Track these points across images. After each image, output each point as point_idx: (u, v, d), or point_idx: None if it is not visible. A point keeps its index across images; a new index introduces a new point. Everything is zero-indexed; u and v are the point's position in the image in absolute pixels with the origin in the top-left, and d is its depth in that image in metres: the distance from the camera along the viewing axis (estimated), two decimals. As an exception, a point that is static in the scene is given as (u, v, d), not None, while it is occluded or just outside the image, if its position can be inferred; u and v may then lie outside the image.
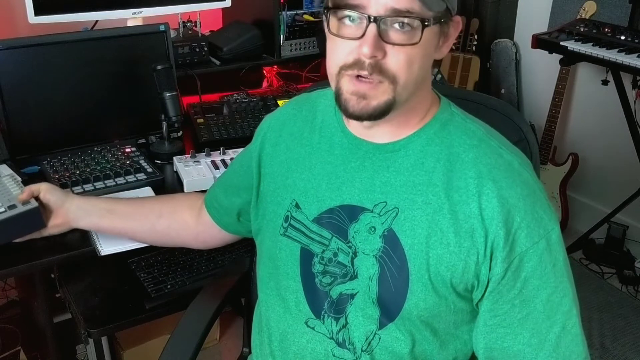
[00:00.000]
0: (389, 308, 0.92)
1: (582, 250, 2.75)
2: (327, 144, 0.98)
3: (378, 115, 0.84)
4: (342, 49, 0.83)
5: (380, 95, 0.83)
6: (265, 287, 1.06)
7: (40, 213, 1.26)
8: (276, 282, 1.02)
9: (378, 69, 0.81)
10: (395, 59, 0.81)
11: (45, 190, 1.24)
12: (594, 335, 2.28)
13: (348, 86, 0.84)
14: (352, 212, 0.93)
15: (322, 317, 0.97)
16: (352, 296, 0.94)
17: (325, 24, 0.85)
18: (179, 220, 1.23)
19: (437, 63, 0.92)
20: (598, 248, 2.75)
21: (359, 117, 0.86)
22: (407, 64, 0.82)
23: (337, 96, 0.86)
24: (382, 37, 0.80)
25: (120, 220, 1.23)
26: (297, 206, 0.99)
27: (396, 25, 0.80)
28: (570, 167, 2.77)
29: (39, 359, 1.97)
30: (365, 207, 0.92)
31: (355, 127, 0.95)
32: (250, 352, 1.15)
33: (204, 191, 1.25)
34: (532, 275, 0.86)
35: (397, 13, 0.79)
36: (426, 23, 0.80)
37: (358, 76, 0.82)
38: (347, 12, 0.81)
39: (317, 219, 0.96)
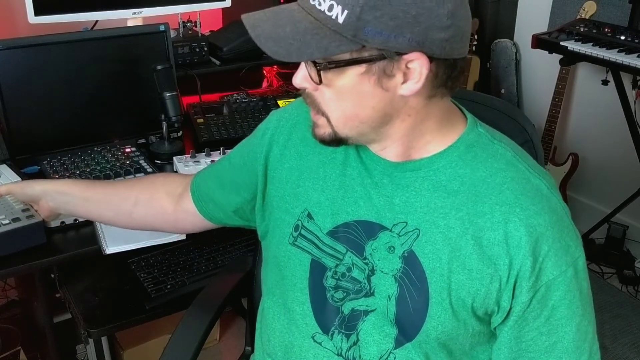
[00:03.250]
0: (406, 328, 0.90)
1: (582, 251, 2.75)
2: (342, 155, 0.96)
3: (330, 142, 0.87)
4: None
5: (322, 127, 0.87)
6: (271, 294, 1.04)
7: (43, 227, 1.28)
8: (282, 291, 1.00)
9: (312, 102, 0.85)
10: (321, 95, 0.84)
11: (18, 191, 1.24)
12: (594, 335, 2.28)
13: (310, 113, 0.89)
14: (370, 229, 0.91)
15: (330, 333, 0.95)
16: (367, 313, 0.92)
17: None
18: (157, 207, 1.18)
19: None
20: (598, 248, 2.75)
21: (316, 140, 0.89)
22: (331, 101, 0.83)
23: None
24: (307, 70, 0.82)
25: (96, 208, 1.21)
26: (309, 216, 0.96)
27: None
28: (570, 167, 2.77)
29: (39, 359, 1.97)
30: (384, 225, 0.90)
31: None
32: (252, 351, 1.15)
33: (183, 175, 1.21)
34: (560, 304, 0.85)
35: None
36: (318, 67, 0.79)
37: None
38: None
39: (331, 232, 0.94)
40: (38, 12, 1.71)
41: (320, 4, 0.77)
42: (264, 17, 0.81)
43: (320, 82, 0.80)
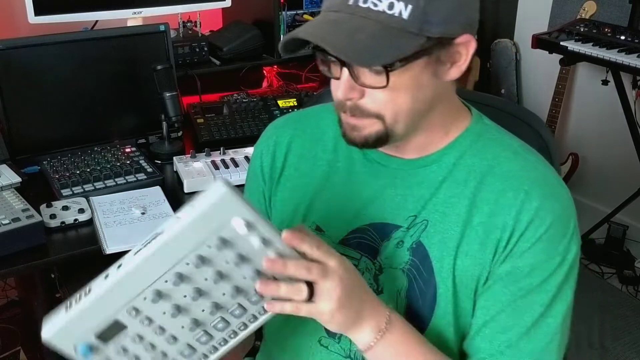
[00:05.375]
0: (414, 323, 0.89)
1: (582, 250, 2.75)
2: (346, 161, 0.94)
3: (373, 143, 0.83)
4: (332, 87, 0.83)
5: (369, 127, 0.82)
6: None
7: (43, 227, 1.28)
8: None
9: (359, 110, 0.81)
10: (372, 99, 0.80)
11: None
12: (593, 335, 2.28)
13: (342, 119, 0.85)
14: (384, 230, 0.90)
15: (338, 335, 0.94)
16: None
17: (317, 60, 0.84)
18: None
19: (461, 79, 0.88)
20: (598, 248, 2.75)
21: (356, 145, 0.85)
22: (388, 102, 0.79)
23: (340, 127, 0.86)
24: (355, 78, 0.78)
25: None
26: (318, 229, 0.94)
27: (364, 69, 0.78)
28: (570, 167, 2.77)
29: (39, 359, 1.97)
30: (398, 224, 0.89)
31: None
32: (260, 345, 1.12)
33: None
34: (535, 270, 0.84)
35: None
36: (389, 69, 0.76)
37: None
38: (326, 56, 0.80)
39: (343, 240, 0.93)
40: (38, 12, 1.71)
41: (376, 5, 0.74)
42: (326, 28, 0.77)
43: (387, 84, 0.77)
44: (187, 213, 0.66)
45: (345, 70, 0.78)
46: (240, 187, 1.53)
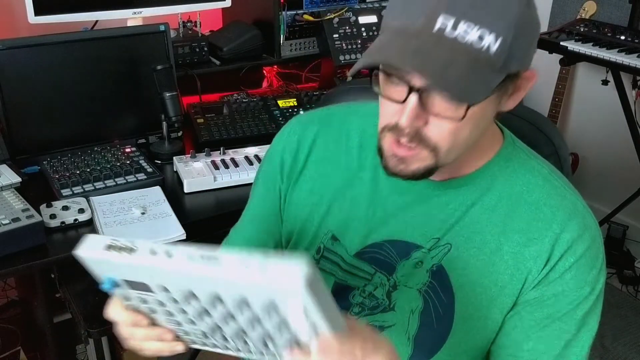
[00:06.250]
0: (424, 345, 0.88)
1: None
2: (370, 171, 0.90)
3: (419, 177, 0.79)
4: (387, 108, 0.78)
5: (419, 161, 0.77)
6: None
7: (43, 227, 1.28)
8: None
9: (418, 137, 0.75)
10: (438, 129, 0.74)
11: None
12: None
13: (389, 147, 0.79)
14: (404, 249, 0.88)
15: None
16: (382, 329, 0.90)
17: (372, 80, 0.78)
18: None
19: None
20: (598, 248, 2.75)
21: (399, 178, 0.80)
22: (451, 134, 0.75)
23: (380, 153, 0.81)
24: (423, 106, 0.73)
25: None
26: (334, 238, 0.92)
27: (438, 97, 0.72)
28: (570, 167, 2.77)
29: (39, 359, 1.97)
30: (419, 244, 0.87)
31: None
32: None
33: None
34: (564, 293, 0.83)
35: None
36: (471, 104, 0.72)
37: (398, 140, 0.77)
38: (393, 73, 0.75)
39: (359, 253, 0.90)
40: (38, 12, 1.71)
41: (465, 36, 0.69)
42: (419, 57, 0.70)
43: (464, 117, 0.72)
44: (254, 266, 0.59)
45: (414, 97, 0.72)
46: (246, 186, 1.47)
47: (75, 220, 1.38)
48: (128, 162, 1.60)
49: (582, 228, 0.83)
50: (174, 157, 1.65)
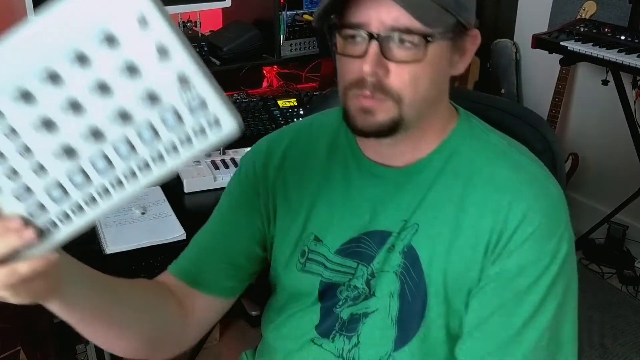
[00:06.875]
0: (407, 327, 0.90)
1: (582, 250, 2.75)
2: (340, 171, 0.94)
3: (385, 131, 0.81)
4: (347, 68, 0.81)
5: (384, 112, 0.80)
6: (277, 309, 1.03)
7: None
8: (289, 307, 1.00)
9: (380, 87, 0.79)
10: (399, 77, 0.78)
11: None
12: (594, 335, 2.28)
13: (354, 103, 0.81)
14: (381, 238, 0.91)
15: (331, 336, 0.95)
16: (366, 315, 0.92)
17: (331, 43, 0.83)
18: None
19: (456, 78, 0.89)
20: (598, 248, 2.75)
21: (366, 134, 0.82)
22: (412, 81, 0.79)
23: (345, 115, 0.83)
24: (384, 55, 0.77)
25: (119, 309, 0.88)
26: (316, 239, 0.94)
27: (398, 42, 0.77)
28: (570, 167, 2.77)
29: (39, 359, 1.97)
30: (391, 230, 0.90)
31: (372, 152, 0.91)
32: (259, 314, 1.12)
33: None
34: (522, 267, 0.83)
35: (396, 30, 0.76)
36: (429, 39, 0.76)
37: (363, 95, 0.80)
38: (350, 32, 0.79)
39: (340, 250, 0.93)
40: (38, 12, 1.71)
41: None
42: None
43: (425, 56, 0.77)
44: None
45: (374, 45, 0.77)
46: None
47: (75, 220, 1.37)
48: (128, 162, 1.60)
49: (539, 197, 0.84)
50: (174, 157, 1.64)
